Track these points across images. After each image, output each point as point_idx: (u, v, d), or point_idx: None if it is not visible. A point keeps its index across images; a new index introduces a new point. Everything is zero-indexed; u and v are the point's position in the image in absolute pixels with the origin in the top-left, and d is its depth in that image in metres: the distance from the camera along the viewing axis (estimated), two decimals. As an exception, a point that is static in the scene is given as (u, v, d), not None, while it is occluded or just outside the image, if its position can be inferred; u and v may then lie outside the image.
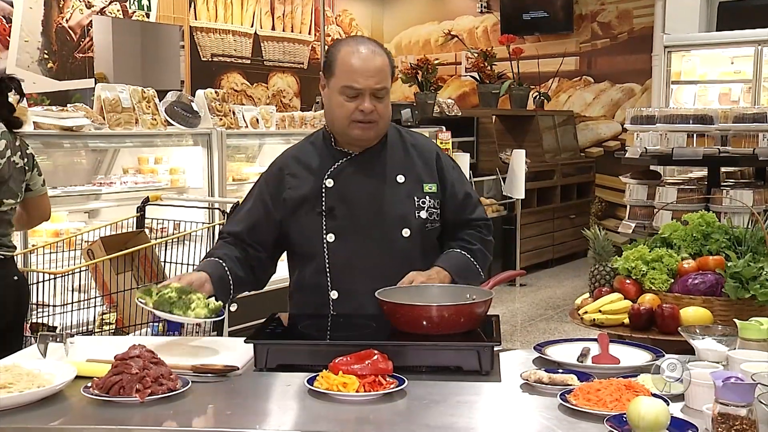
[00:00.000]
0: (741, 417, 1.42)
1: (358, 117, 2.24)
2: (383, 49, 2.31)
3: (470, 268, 2.35)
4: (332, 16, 10.40)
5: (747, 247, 2.78)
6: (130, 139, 4.76)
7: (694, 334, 2.02)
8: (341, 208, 2.29)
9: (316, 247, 2.30)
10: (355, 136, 2.28)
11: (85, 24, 7.39)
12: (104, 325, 3.32)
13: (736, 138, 4.16)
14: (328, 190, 2.30)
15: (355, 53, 2.24)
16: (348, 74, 2.23)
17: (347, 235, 2.28)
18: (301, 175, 2.34)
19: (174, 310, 2.03)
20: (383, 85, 2.25)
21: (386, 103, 2.29)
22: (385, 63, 2.27)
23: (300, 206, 2.31)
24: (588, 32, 9.66)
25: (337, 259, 2.29)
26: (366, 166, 2.33)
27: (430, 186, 2.34)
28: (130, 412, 1.70)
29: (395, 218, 2.29)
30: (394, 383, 1.78)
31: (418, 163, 2.36)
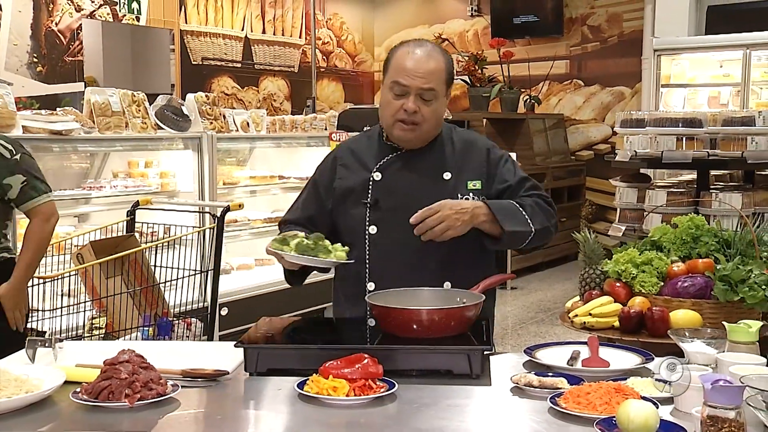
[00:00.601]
0: (730, 420, 1.43)
1: (401, 116, 2.28)
2: (443, 55, 2.32)
3: (516, 213, 2.26)
4: (323, 19, 10.41)
5: (736, 250, 2.79)
6: (120, 143, 4.75)
7: (683, 337, 2.02)
8: (386, 202, 2.33)
9: (358, 237, 2.34)
10: (396, 136, 2.33)
11: (75, 27, 7.37)
12: (94, 329, 3.31)
13: (725, 141, 4.18)
14: (375, 183, 2.35)
15: (411, 52, 2.28)
16: (398, 71, 2.28)
17: (389, 228, 2.32)
18: (353, 167, 2.40)
19: (318, 254, 2.10)
20: (431, 87, 2.26)
21: (434, 108, 2.29)
22: (439, 67, 2.28)
23: (347, 197, 2.37)
24: (578, 36, 9.69)
25: (377, 251, 2.32)
26: (414, 161, 2.37)
27: (475, 183, 2.35)
28: (120, 417, 1.69)
29: None
30: (384, 387, 1.78)
31: (464, 161, 2.38)
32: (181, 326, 3.48)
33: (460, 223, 2.19)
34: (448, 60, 2.34)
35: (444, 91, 2.32)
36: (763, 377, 1.63)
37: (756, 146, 4.10)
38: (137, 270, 3.53)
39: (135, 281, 3.49)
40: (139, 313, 3.41)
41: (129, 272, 3.49)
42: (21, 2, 6.92)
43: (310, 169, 6.00)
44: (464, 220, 2.19)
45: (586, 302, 2.84)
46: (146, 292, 3.52)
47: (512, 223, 2.24)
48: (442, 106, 2.33)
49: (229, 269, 5.65)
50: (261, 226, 5.71)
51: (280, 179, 5.87)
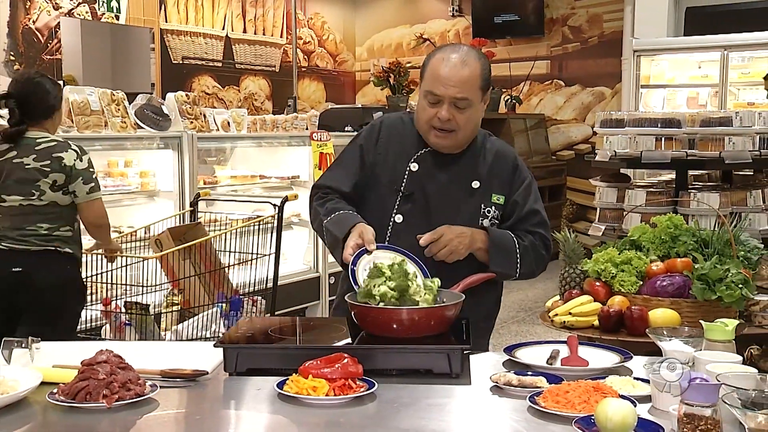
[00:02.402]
0: (706, 417, 1.44)
1: (435, 124, 2.29)
2: (479, 61, 2.30)
3: (511, 249, 2.30)
4: (304, 19, 10.39)
5: (714, 250, 2.82)
6: (100, 142, 4.71)
7: (661, 336, 2.04)
8: (417, 195, 2.34)
9: (381, 222, 2.33)
10: (432, 143, 2.34)
11: (53, 26, 7.31)
12: (172, 306, 3.71)
13: (703, 141, 4.21)
14: (411, 173, 2.36)
15: (444, 60, 2.27)
16: (432, 80, 2.27)
17: (413, 220, 2.32)
18: (392, 149, 2.39)
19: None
20: (464, 96, 2.26)
21: (468, 115, 2.29)
22: (473, 75, 2.27)
23: (382, 176, 2.37)
24: (559, 36, 9.74)
25: (397, 240, 2.31)
26: (449, 162, 2.37)
27: (498, 197, 2.37)
28: (97, 418, 1.68)
29: (461, 220, 2.32)
30: (364, 387, 1.78)
31: (493, 172, 2.39)
32: (249, 303, 3.88)
33: (462, 247, 2.25)
34: (484, 65, 2.32)
35: (480, 98, 2.31)
36: (739, 375, 1.65)
37: (733, 146, 4.14)
38: (204, 254, 3.95)
39: (202, 264, 3.91)
40: (205, 292, 3.83)
41: (196, 256, 3.91)
42: (-2, 0, 6.86)
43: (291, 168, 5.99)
44: (465, 244, 2.26)
45: (566, 301, 2.85)
46: (214, 274, 3.95)
47: (500, 262, 2.29)
48: (477, 112, 2.33)
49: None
50: (242, 226, 5.67)
51: (261, 179, 5.85)
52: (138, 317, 3.48)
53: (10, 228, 3.37)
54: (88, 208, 3.46)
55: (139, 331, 3.48)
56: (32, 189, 3.34)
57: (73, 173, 3.38)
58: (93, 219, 3.50)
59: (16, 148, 3.38)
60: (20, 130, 3.39)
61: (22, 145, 3.38)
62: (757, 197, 4.43)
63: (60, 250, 3.39)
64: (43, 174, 3.34)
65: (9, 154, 3.37)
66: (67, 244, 3.43)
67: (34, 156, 3.35)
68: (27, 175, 3.35)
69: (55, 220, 3.39)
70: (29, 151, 3.36)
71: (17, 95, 3.45)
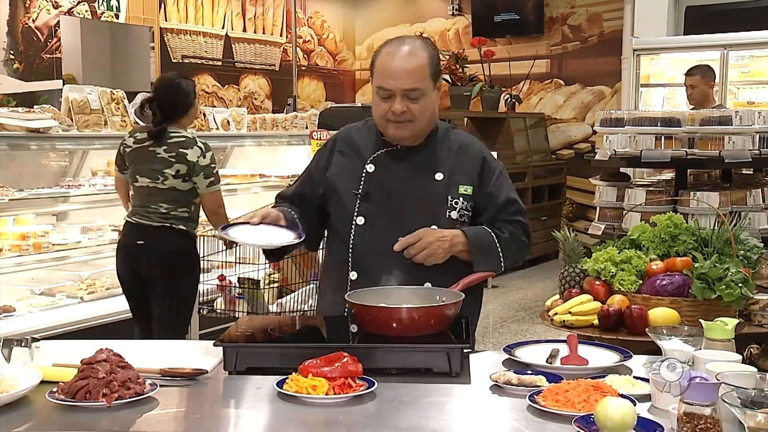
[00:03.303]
0: (705, 416, 1.44)
1: (390, 117, 2.29)
2: (426, 50, 2.30)
3: (491, 247, 2.30)
4: (304, 17, 10.39)
5: (713, 249, 2.82)
6: (99, 141, 4.71)
7: (661, 335, 2.04)
8: (376, 195, 2.34)
9: (345, 225, 2.35)
10: (390, 135, 2.34)
11: (53, 24, 7.31)
12: (272, 283, 4.24)
13: (703, 140, 4.20)
14: (368, 174, 2.36)
15: (391, 54, 2.28)
16: (382, 75, 2.28)
17: (376, 221, 2.32)
18: (349, 156, 2.41)
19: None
20: (415, 86, 2.26)
21: (422, 104, 2.29)
22: (421, 64, 2.27)
23: (340, 184, 2.38)
24: (558, 35, 9.74)
25: (362, 241, 2.32)
26: (408, 158, 2.37)
27: (466, 188, 2.35)
28: (97, 416, 1.68)
29: (426, 213, 2.31)
30: (363, 385, 1.78)
31: (458, 164, 2.38)
32: None
33: (441, 251, 2.24)
34: (432, 54, 2.32)
35: (432, 86, 2.31)
36: (739, 374, 1.65)
37: (733, 146, 4.13)
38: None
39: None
40: (297, 271, 4.26)
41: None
42: (-3, -2, 6.86)
43: (291, 167, 6.00)
44: (444, 248, 2.25)
45: (566, 300, 2.85)
46: (305, 257, 4.27)
47: (483, 261, 2.29)
48: (431, 101, 2.32)
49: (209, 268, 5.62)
50: (241, 224, 5.68)
51: (260, 178, 5.85)
52: (250, 291, 4.03)
53: (139, 205, 4.04)
54: (207, 198, 4.02)
55: (249, 303, 4.03)
56: (158, 174, 3.96)
57: (195, 168, 3.94)
58: (211, 207, 4.05)
59: (153, 137, 3.99)
60: (163, 128, 3.98)
61: (158, 137, 4.00)
62: (757, 196, 4.42)
63: (174, 227, 3.97)
64: (169, 164, 3.95)
65: (146, 142, 4.02)
66: (182, 222, 3.99)
67: (165, 147, 3.97)
68: (156, 162, 3.97)
69: (173, 201, 3.96)
70: (162, 143, 3.98)
71: (159, 98, 4.06)
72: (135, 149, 4.05)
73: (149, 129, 4.03)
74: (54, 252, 4.60)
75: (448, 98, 9.09)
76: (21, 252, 4.38)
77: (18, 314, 4.42)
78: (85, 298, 4.76)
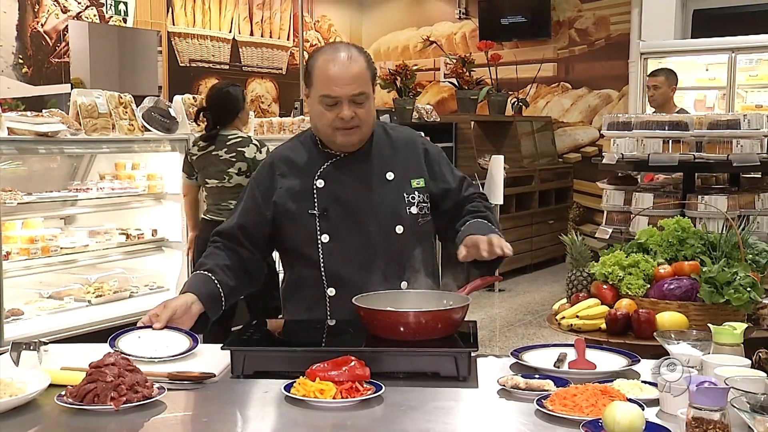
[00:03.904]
0: (714, 421, 1.43)
1: (338, 125, 2.25)
2: (362, 54, 2.31)
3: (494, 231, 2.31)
4: (311, 21, 10.41)
5: (721, 253, 2.81)
6: (107, 144, 4.73)
7: (669, 339, 2.03)
8: (334, 209, 2.31)
9: (310, 247, 2.31)
10: (340, 143, 2.30)
11: (61, 29, 7.34)
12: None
13: (711, 144, 4.19)
14: (319, 190, 2.32)
15: (331, 61, 2.24)
16: (325, 83, 2.24)
17: (341, 234, 2.30)
18: (291, 175, 2.35)
19: None
20: (361, 91, 2.25)
21: (368, 108, 2.29)
22: (362, 68, 2.27)
23: (292, 206, 2.33)
24: (565, 38, 9.73)
25: (331, 257, 2.30)
26: (355, 166, 2.35)
27: (418, 181, 2.36)
28: (105, 420, 1.68)
29: (387, 216, 2.31)
30: (371, 389, 1.78)
31: (405, 159, 2.38)
32: None
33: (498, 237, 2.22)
34: (367, 56, 2.32)
35: (372, 89, 2.32)
36: (748, 379, 1.64)
37: (741, 149, 4.12)
38: None
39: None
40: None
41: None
42: (6, 3, 6.89)
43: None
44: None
45: (573, 304, 2.84)
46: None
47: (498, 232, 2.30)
48: (372, 104, 2.32)
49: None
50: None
51: (267, 181, 5.86)
52: None
53: (212, 203, 4.58)
54: None
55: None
56: (223, 175, 4.49)
57: (254, 163, 4.38)
58: None
59: (213, 144, 4.54)
60: (216, 133, 4.54)
61: (217, 142, 4.54)
62: (765, 200, 4.41)
63: None
64: (231, 164, 4.48)
65: (209, 148, 4.54)
66: None
67: (225, 149, 4.51)
68: (220, 164, 4.51)
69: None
70: (222, 146, 4.52)
71: (212, 106, 4.59)
72: (200, 156, 4.58)
73: (205, 135, 4.57)
74: (62, 255, 4.62)
75: (455, 102, 9.10)
76: (29, 255, 4.40)
77: (26, 318, 4.44)
78: (93, 302, 4.78)
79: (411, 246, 2.31)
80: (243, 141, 4.53)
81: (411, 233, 2.32)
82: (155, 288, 5.15)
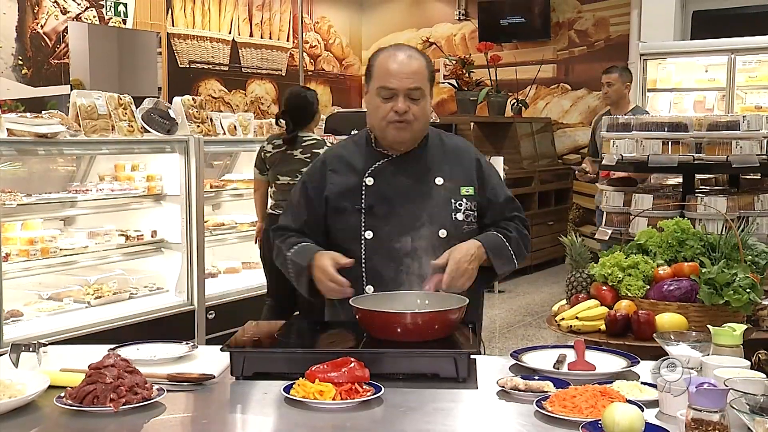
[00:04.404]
0: (714, 422, 1.43)
1: (393, 118, 2.30)
2: (422, 55, 2.37)
3: (504, 251, 2.36)
4: (310, 23, 10.41)
5: (721, 254, 2.81)
6: (107, 146, 4.73)
7: (668, 341, 2.03)
8: (380, 207, 2.34)
9: (353, 242, 2.35)
10: (391, 138, 2.34)
11: (61, 30, 7.34)
12: None
13: (710, 145, 4.19)
14: (368, 188, 2.36)
15: (392, 57, 2.32)
16: (384, 76, 2.30)
17: (384, 233, 2.33)
18: (343, 173, 2.40)
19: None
20: (418, 86, 2.29)
21: (422, 106, 2.32)
22: (421, 66, 2.32)
23: (341, 202, 2.37)
24: (565, 40, 9.73)
25: (373, 255, 2.33)
26: (406, 166, 2.38)
27: (468, 189, 2.39)
28: (104, 421, 1.68)
29: (433, 219, 2.33)
30: (370, 391, 1.78)
31: (456, 167, 2.41)
32: None
33: (473, 269, 2.28)
34: (428, 60, 2.39)
35: (429, 90, 2.36)
36: (747, 380, 1.64)
37: (740, 150, 4.12)
38: None
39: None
40: None
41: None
42: (6, 4, 6.89)
43: (298, 172, 5.97)
44: (475, 266, 2.28)
45: (572, 306, 2.85)
46: None
47: (501, 264, 2.36)
48: (428, 103, 2.36)
49: (216, 273, 5.64)
50: (248, 229, 5.70)
51: (267, 183, 5.86)
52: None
53: (281, 199, 4.78)
54: None
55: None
56: (296, 173, 4.70)
57: None
58: None
59: (288, 143, 4.81)
60: (295, 135, 4.81)
61: (293, 142, 4.80)
62: (765, 201, 4.41)
63: None
64: (305, 164, 4.65)
65: (283, 147, 4.84)
66: None
67: (300, 150, 4.79)
68: (294, 163, 4.77)
69: None
70: (297, 146, 4.80)
71: (290, 110, 4.85)
72: (274, 153, 4.85)
73: (284, 136, 4.83)
74: (61, 257, 4.61)
75: (454, 103, 9.10)
76: (28, 257, 4.40)
77: (25, 319, 4.43)
78: (93, 303, 4.77)
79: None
80: (317, 143, 4.82)
81: (454, 239, 2.33)
82: (155, 289, 5.15)
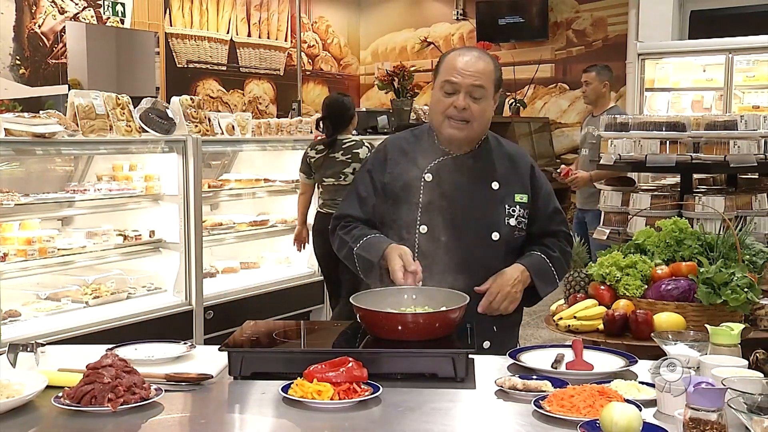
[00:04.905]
0: (711, 422, 1.43)
1: (452, 113, 2.32)
2: (492, 60, 2.40)
3: (548, 272, 2.40)
4: (308, 22, 10.40)
5: (719, 253, 2.81)
6: (104, 146, 4.72)
7: (666, 340, 2.03)
8: (437, 204, 2.35)
9: (408, 236, 2.35)
10: (447, 135, 2.36)
11: (58, 30, 7.33)
12: None
13: (708, 145, 4.19)
14: (426, 183, 2.37)
15: (461, 54, 2.35)
16: (449, 70, 2.33)
17: (439, 229, 2.34)
18: (403, 164, 2.42)
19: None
20: (481, 84, 2.31)
21: (483, 107, 2.34)
22: (488, 68, 2.35)
23: (400, 193, 2.38)
24: (563, 39, 9.74)
25: (425, 250, 2.33)
26: (465, 167, 2.40)
27: (522, 196, 2.41)
28: (102, 421, 1.68)
29: (487, 222, 2.36)
30: (368, 390, 1.78)
31: (512, 173, 2.43)
32: None
33: (518, 293, 2.34)
34: (497, 65, 2.41)
35: (492, 93, 2.37)
36: (745, 379, 1.64)
37: (738, 150, 4.12)
38: None
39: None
40: None
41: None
42: (3, 4, 6.88)
43: (296, 172, 6.03)
44: (519, 290, 2.33)
45: (570, 305, 2.85)
46: None
47: (545, 285, 2.40)
48: (490, 106, 2.38)
49: (214, 272, 5.63)
50: (246, 229, 5.70)
51: (265, 182, 5.86)
52: None
53: (328, 198, 5.17)
54: None
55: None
56: (340, 174, 5.09)
57: None
58: None
59: (329, 146, 5.13)
60: (335, 139, 5.13)
61: (334, 145, 5.13)
62: (762, 201, 4.42)
63: None
64: (347, 164, 5.07)
65: (326, 151, 5.15)
66: None
67: (341, 152, 5.12)
68: (337, 165, 5.11)
69: None
70: (338, 149, 5.12)
71: (330, 115, 5.17)
72: (318, 158, 5.17)
73: (324, 141, 5.15)
74: (59, 257, 4.60)
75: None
76: (26, 257, 4.39)
77: (23, 319, 4.42)
78: (90, 303, 4.76)
79: (501, 254, 2.36)
80: (357, 144, 5.13)
81: (505, 243, 2.37)
82: (153, 289, 5.14)
